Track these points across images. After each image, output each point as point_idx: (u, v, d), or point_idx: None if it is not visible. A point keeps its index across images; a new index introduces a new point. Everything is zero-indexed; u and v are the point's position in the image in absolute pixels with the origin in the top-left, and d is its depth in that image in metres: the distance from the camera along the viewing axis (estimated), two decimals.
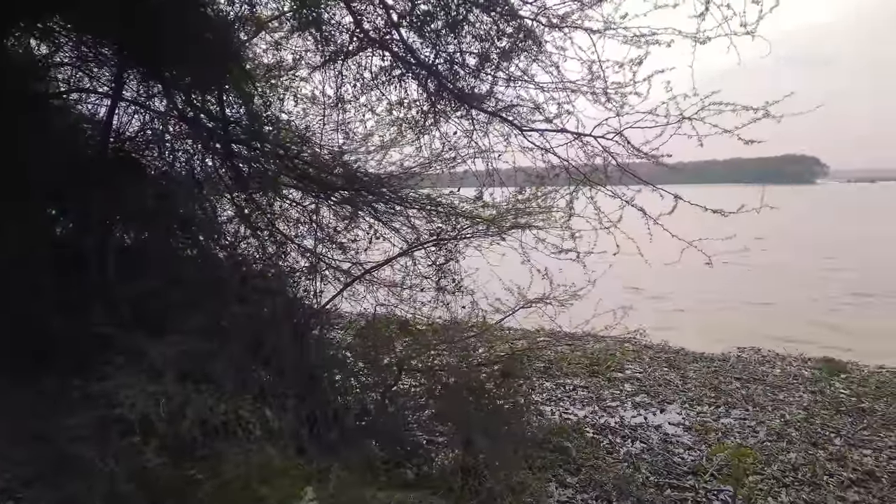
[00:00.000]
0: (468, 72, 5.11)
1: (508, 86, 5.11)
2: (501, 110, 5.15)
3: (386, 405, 4.14)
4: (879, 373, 7.65)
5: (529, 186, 5.37)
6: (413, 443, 4.24)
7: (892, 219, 37.09)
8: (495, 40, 4.92)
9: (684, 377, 7.45)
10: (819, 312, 12.01)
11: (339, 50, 4.74)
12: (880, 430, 5.80)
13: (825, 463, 5.09)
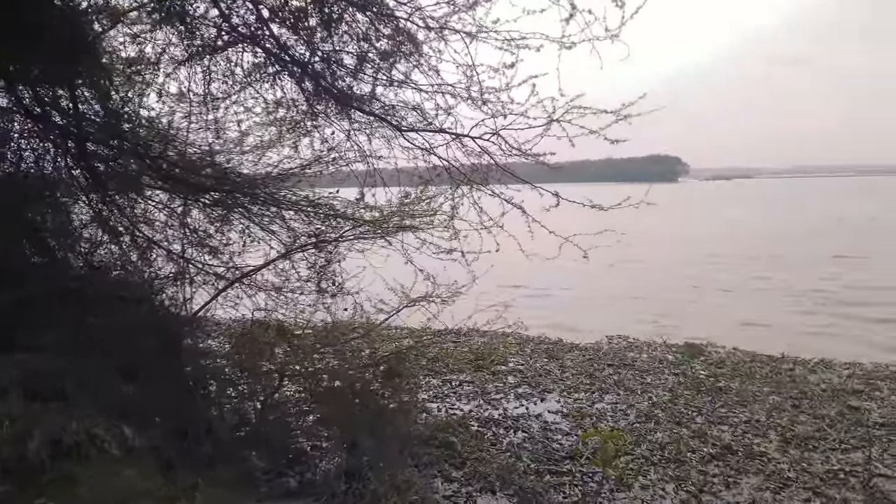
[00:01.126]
0: (347, 72, 5.01)
1: (389, 87, 5.07)
2: (382, 112, 5.10)
3: (266, 413, 3.97)
4: (734, 354, 8.32)
5: (414, 188, 5.36)
6: (296, 450, 4.10)
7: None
8: (373, 41, 4.85)
9: (563, 367, 7.74)
10: (678, 303, 12.93)
11: (206, 45, 4.49)
12: (735, 406, 6.27)
13: (688, 440, 5.43)
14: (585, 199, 4.71)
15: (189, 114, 4.63)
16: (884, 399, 6.38)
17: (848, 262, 17.93)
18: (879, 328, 10.11)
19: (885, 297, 12.54)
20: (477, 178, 5.02)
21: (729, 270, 16.93)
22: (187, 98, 4.67)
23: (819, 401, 6.35)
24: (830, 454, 5.14)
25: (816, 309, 11.88)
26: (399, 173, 5.42)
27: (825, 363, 7.78)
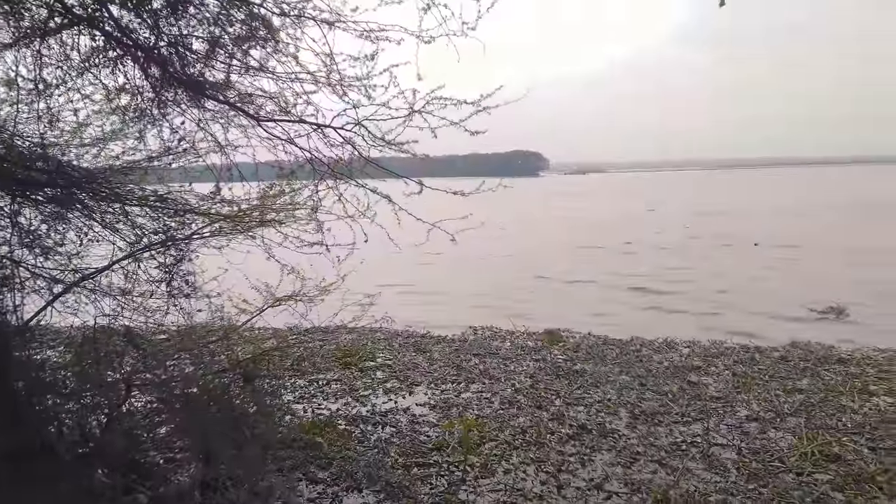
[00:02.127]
0: (198, 58, 4.76)
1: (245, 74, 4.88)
2: (237, 100, 4.90)
3: (112, 427, 3.71)
4: (588, 338, 8.88)
5: (277, 181, 5.21)
6: (147, 464, 3.87)
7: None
8: (226, 25, 4.64)
9: (431, 359, 7.89)
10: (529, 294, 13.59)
11: (36, 27, 4.09)
12: (590, 388, 6.70)
13: (548, 423, 5.74)
14: (448, 188, 4.83)
15: (17, 102, 4.20)
16: (719, 374, 7.10)
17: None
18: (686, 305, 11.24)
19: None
20: (341, 169, 4.97)
21: (567, 260, 18.01)
22: (16, 85, 4.23)
23: (663, 378, 6.95)
24: (674, 427, 5.64)
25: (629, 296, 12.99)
26: (258, 166, 5.25)
27: (668, 343, 8.53)
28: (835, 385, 6.58)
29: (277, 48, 4.78)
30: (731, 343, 8.44)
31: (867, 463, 4.79)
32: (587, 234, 25.26)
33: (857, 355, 7.70)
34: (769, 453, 5.03)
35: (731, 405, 6.11)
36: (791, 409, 5.94)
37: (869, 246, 18.49)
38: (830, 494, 4.36)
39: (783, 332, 9.10)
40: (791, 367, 7.26)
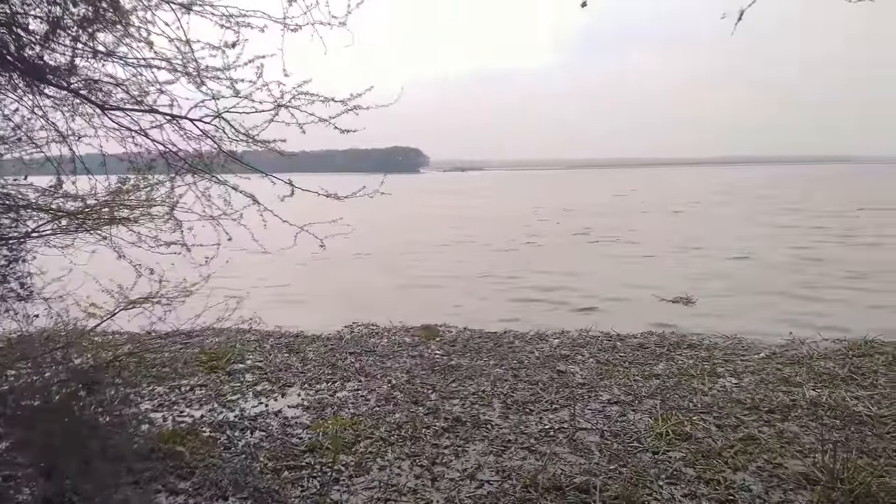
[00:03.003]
0: (36, 40, 4.38)
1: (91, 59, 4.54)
2: (80, 87, 4.55)
3: None
4: (464, 332, 9.09)
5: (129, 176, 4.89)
6: None
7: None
8: (69, 5, 4.30)
9: (304, 359, 7.75)
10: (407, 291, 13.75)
11: None
12: (465, 381, 6.87)
13: (423, 417, 5.83)
14: (321, 189, 4.74)
15: None
16: (584, 362, 7.51)
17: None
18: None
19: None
20: (200, 164, 4.75)
21: (435, 256, 18.43)
22: None
23: (534, 368, 7.25)
24: (543, 415, 5.90)
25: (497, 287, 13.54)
26: (107, 158, 4.91)
27: (539, 335, 8.90)
28: (687, 369, 7.16)
29: (128, 32, 4.51)
30: (596, 332, 8.95)
31: (715, 440, 5.24)
32: (461, 230, 25.85)
33: (706, 341, 8.42)
34: (629, 434, 5.39)
35: (596, 391, 6.49)
36: (648, 393, 6.40)
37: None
38: (683, 470, 4.73)
39: (641, 320, 9.78)
40: (648, 353, 7.82)
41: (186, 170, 4.84)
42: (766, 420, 5.67)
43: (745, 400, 6.14)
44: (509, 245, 20.70)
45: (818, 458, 4.69)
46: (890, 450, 4.97)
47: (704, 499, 4.31)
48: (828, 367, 7.05)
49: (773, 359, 7.55)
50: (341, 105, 4.33)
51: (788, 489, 4.42)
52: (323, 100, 4.29)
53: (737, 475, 4.65)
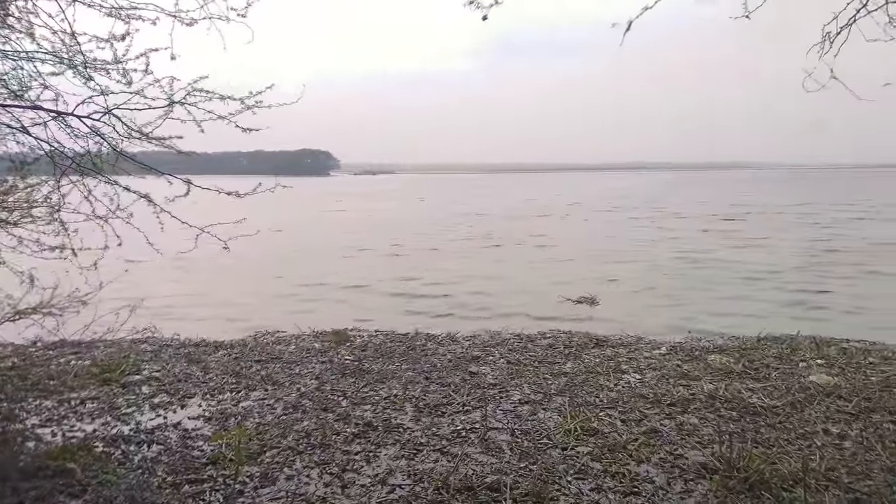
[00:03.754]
0: None
1: None
2: None
3: None
4: (376, 336, 9.05)
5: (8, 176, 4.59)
6: None
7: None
8: None
9: (206, 368, 7.48)
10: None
11: None
12: (376, 385, 6.84)
13: (333, 423, 5.76)
14: (216, 187, 4.61)
15: None
16: (495, 363, 7.65)
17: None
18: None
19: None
20: (88, 163, 4.51)
21: (339, 262, 18.34)
22: None
23: (446, 370, 7.32)
24: (455, 417, 5.96)
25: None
26: None
27: (451, 337, 9.00)
28: (594, 366, 7.42)
29: (6, 22, 4.23)
30: (507, 334, 9.15)
31: (620, 434, 5.46)
32: (363, 235, 25.78)
33: (611, 339, 8.78)
34: (539, 432, 5.52)
35: (507, 391, 6.62)
36: (557, 390, 6.59)
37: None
38: (590, 465, 4.90)
39: (550, 321, 10.09)
40: (557, 352, 8.07)
41: (73, 169, 4.59)
42: (667, 413, 5.96)
43: (648, 394, 6.43)
44: (411, 249, 20.77)
45: (716, 449, 4.96)
46: (782, 439, 5.33)
47: (610, 492, 4.48)
48: (724, 362, 7.49)
49: (673, 355, 7.97)
50: (240, 103, 4.23)
51: (689, 479, 4.66)
52: (221, 97, 4.17)
53: (640, 467, 4.86)
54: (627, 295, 12.85)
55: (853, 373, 7.10)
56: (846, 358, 7.72)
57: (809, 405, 6.07)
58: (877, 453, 5.00)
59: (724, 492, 4.37)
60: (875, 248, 20.15)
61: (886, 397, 6.23)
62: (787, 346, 8.23)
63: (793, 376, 6.97)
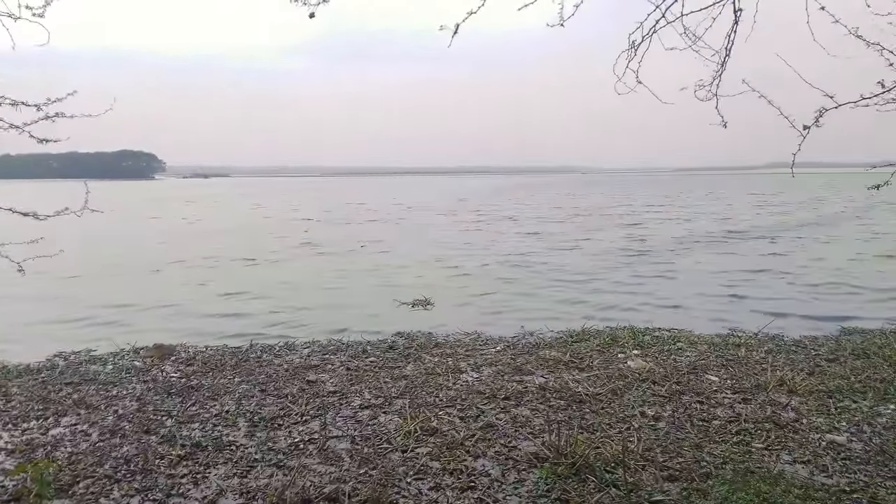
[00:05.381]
0: None
1: None
2: None
3: None
4: (204, 350, 8.59)
5: None
6: None
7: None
8: None
9: (7, 395, 6.69)
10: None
11: None
12: (206, 402, 6.49)
13: (157, 447, 5.37)
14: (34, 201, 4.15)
15: None
16: (335, 370, 7.55)
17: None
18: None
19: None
20: None
21: (146, 277, 17.35)
22: None
23: (283, 381, 7.11)
24: (293, 428, 5.80)
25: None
26: None
27: (288, 346, 8.77)
28: (433, 367, 7.57)
29: None
30: (347, 339, 9.07)
31: (458, 431, 5.61)
32: (176, 245, 24.46)
33: (450, 339, 9.02)
34: (379, 437, 5.54)
35: (347, 397, 6.57)
36: (398, 393, 6.65)
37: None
38: (429, 464, 4.99)
39: (388, 325, 10.15)
40: (397, 354, 8.14)
41: None
42: (502, 407, 6.22)
43: (485, 390, 6.67)
44: (231, 258, 19.93)
45: (546, 438, 5.25)
46: (604, 423, 5.76)
47: (448, 489, 4.59)
48: (553, 355, 7.95)
49: (507, 351, 8.35)
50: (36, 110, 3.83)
51: (522, 469, 4.90)
52: (12, 102, 3.74)
53: (478, 462, 5.03)
54: (463, 296, 13.27)
55: (665, 358, 7.85)
56: (659, 345, 8.52)
57: (628, 391, 6.62)
58: (686, 432, 5.56)
59: (554, 478, 4.64)
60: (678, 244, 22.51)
61: (694, 380, 6.96)
62: (608, 337, 8.91)
63: (613, 364, 7.58)
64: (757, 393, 6.49)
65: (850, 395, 6.34)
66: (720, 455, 5.05)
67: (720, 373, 7.23)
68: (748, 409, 6.08)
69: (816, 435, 5.46)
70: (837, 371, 7.15)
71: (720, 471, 4.76)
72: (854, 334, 9.28)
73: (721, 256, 19.07)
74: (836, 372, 7.11)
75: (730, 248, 21.26)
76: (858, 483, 4.59)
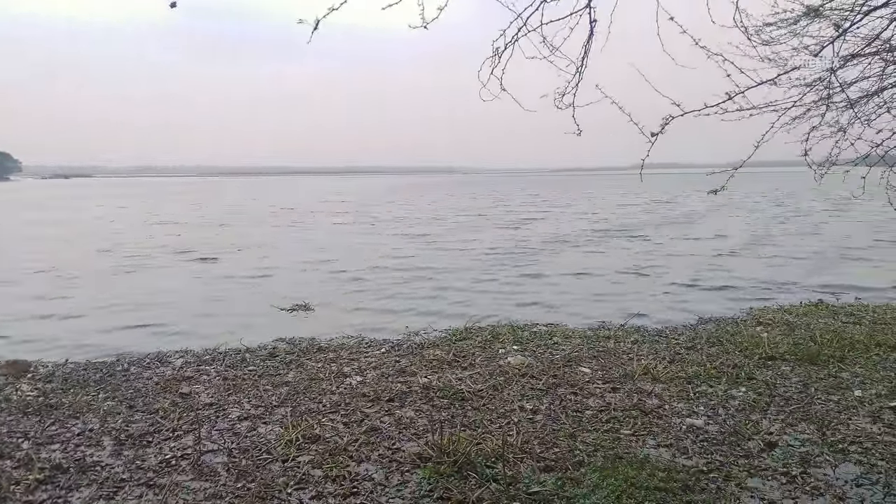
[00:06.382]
0: None
1: None
2: None
3: None
4: (64, 365, 7.95)
5: None
6: None
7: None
8: None
9: None
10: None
11: None
12: (68, 421, 6.01)
13: (12, 471, 4.92)
14: None
15: None
16: (211, 381, 7.21)
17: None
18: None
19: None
20: None
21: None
22: None
23: (154, 395, 6.70)
24: (164, 444, 5.48)
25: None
26: None
27: (160, 357, 8.28)
28: (316, 372, 7.41)
29: None
30: (224, 348, 8.69)
31: (342, 437, 5.52)
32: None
33: (334, 343, 8.87)
34: (258, 448, 5.34)
35: (224, 409, 6.29)
36: (279, 402, 6.45)
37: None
38: (311, 472, 4.87)
39: (270, 330, 9.86)
40: (279, 362, 7.89)
41: None
42: (387, 410, 6.19)
43: (369, 393, 6.61)
44: (88, 268, 18.66)
45: (430, 438, 5.28)
46: (486, 420, 5.87)
47: (331, 496, 4.50)
48: (437, 354, 8.02)
49: (392, 352, 8.33)
50: None
51: (405, 470, 4.89)
52: None
53: (361, 467, 4.98)
54: (345, 299, 13.08)
55: (542, 353, 8.13)
56: (537, 340, 8.82)
57: (508, 386, 6.79)
58: (562, 423, 5.78)
59: (437, 477, 4.67)
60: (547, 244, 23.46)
61: (569, 372, 7.25)
62: (489, 334, 9.11)
63: (494, 361, 7.75)
64: (625, 382, 6.86)
65: (707, 381, 6.84)
66: (592, 443, 5.29)
67: (592, 364, 7.58)
68: (617, 397, 6.42)
69: (678, 419, 5.84)
70: (695, 358, 7.70)
71: (592, 458, 4.99)
72: (709, 323, 10.07)
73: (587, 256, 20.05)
74: (694, 359, 7.66)
75: (598, 247, 22.39)
76: (715, 463, 4.96)
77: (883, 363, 7.36)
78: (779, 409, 6.07)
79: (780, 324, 9.56)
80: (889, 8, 4.95)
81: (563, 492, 4.47)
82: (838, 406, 6.12)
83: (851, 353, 7.73)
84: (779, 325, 9.50)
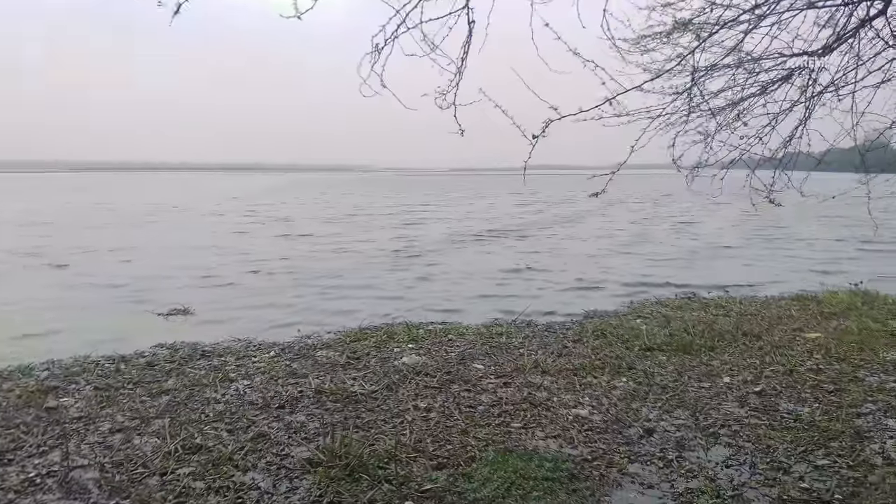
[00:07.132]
0: None
1: None
2: None
3: None
4: None
5: None
6: None
7: None
8: None
9: None
10: None
11: None
12: None
13: None
14: None
15: None
16: (80, 391, 6.65)
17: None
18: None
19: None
20: None
21: None
22: None
23: (14, 410, 6.10)
24: (27, 462, 5.00)
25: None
26: None
27: (21, 369, 7.52)
28: (199, 379, 7.01)
29: None
30: (96, 356, 8.05)
31: (226, 445, 5.22)
32: None
33: (218, 348, 8.45)
34: (134, 461, 4.97)
35: (95, 422, 5.81)
36: (157, 412, 6.03)
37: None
38: (192, 485, 4.58)
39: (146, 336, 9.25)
40: (158, 370, 7.39)
41: None
42: (276, 415, 5.95)
43: (257, 400, 6.33)
44: None
45: (321, 442, 5.13)
46: (379, 420, 5.77)
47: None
48: (330, 356, 7.83)
49: (282, 355, 8.03)
50: None
51: (295, 477, 4.71)
52: None
53: (247, 476, 4.74)
54: (230, 303, 12.51)
55: (437, 350, 8.12)
56: (432, 338, 8.81)
57: (403, 385, 6.71)
58: (455, 419, 5.77)
59: (327, 481, 4.52)
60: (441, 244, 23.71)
61: (462, 369, 7.28)
62: (384, 334, 9.01)
63: (389, 361, 7.65)
64: (516, 376, 6.97)
65: (592, 372, 7.08)
66: (484, 438, 5.32)
67: (485, 360, 7.66)
68: (509, 392, 6.51)
69: (565, 410, 5.99)
70: (581, 351, 7.96)
71: (483, 453, 5.01)
72: (594, 317, 10.47)
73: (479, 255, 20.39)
74: (580, 352, 7.91)
75: (490, 246, 22.82)
76: (598, 451, 5.12)
77: (749, 351, 7.93)
78: (656, 396, 6.37)
79: (658, 317, 10.11)
80: (742, 24, 5.31)
81: (454, 487, 4.46)
82: (709, 392, 6.52)
83: (721, 342, 8.27)
84: (656, 317, 10.04)
